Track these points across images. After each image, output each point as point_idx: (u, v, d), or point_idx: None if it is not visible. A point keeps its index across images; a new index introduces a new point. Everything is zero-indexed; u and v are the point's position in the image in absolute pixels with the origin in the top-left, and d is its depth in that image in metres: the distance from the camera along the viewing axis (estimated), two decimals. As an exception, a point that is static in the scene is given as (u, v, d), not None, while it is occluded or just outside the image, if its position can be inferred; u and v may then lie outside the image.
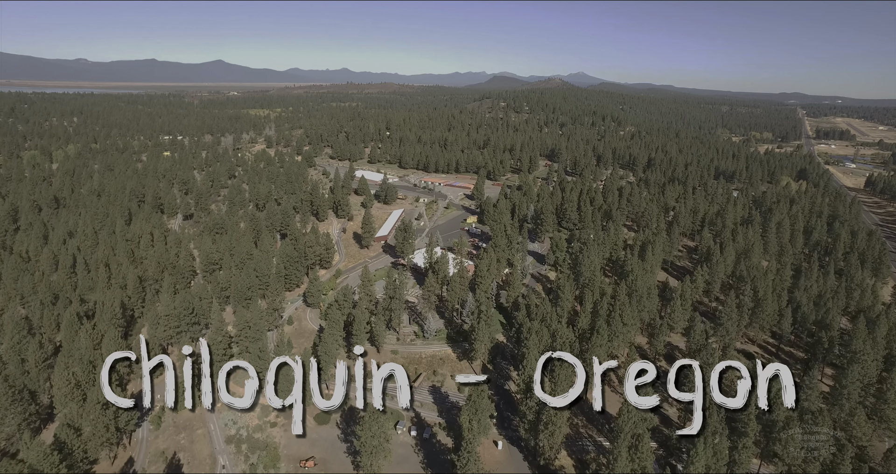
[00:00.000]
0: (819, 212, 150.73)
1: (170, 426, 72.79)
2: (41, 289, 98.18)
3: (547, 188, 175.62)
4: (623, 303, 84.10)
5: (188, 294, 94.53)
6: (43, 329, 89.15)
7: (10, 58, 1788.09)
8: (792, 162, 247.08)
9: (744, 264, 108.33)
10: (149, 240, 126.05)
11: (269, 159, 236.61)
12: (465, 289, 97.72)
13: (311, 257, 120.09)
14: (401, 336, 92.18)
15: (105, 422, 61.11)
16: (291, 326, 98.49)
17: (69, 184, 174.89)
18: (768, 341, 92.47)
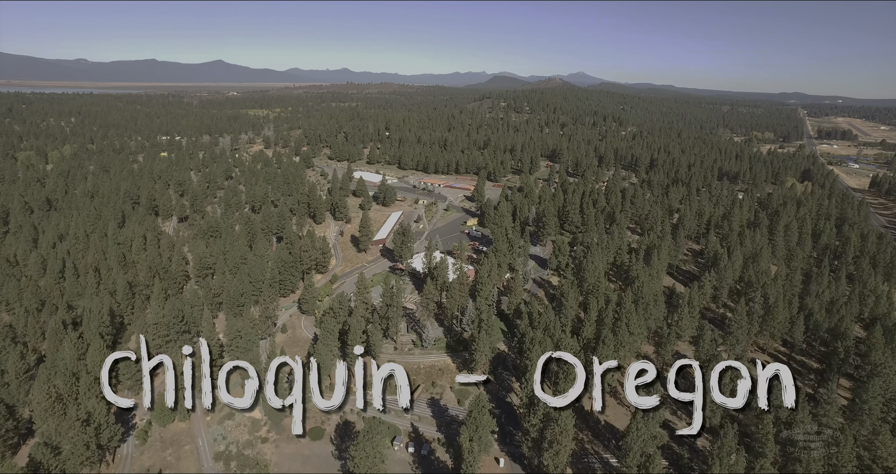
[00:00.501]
0: (827, 215, 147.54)
1: (156, 441, 69.65)
2: (27, 295, 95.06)
3: (549, 190, 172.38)
4: (629, 310, 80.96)
5: (178, 301, 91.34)
6: (27, 337, 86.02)
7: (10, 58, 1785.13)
8: (795, 162, 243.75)
9: (752, 269, 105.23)
10: (141, 244, 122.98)
11: (266, 160, 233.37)
12: (465, 295, 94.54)
13: (307, 262, 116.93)
14: (398, 345, 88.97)
15: (85, 440, 57.90)
16: (285, 334, 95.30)
17: (62, 186, 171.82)
18: (779, 349, 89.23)
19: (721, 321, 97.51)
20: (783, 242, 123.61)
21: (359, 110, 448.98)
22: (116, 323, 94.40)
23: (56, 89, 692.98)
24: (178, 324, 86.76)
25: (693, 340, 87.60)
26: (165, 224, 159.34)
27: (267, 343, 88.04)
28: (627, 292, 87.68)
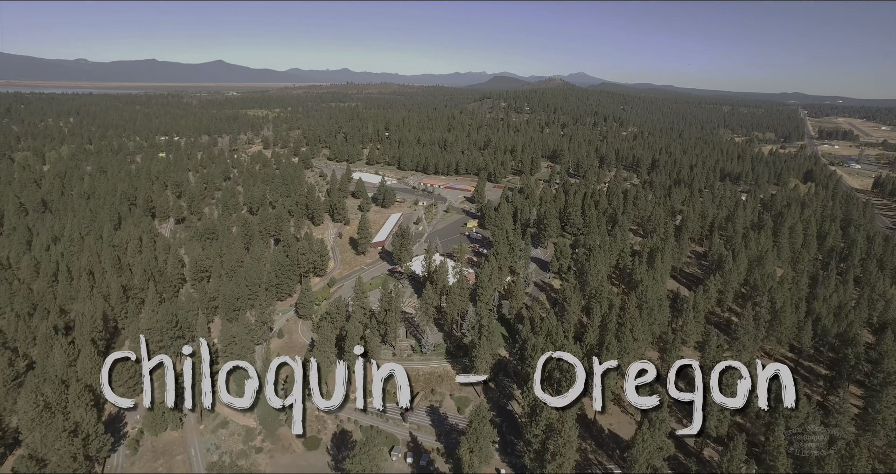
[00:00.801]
0: (832, 216, 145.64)
1: (147, 450, 67.75)
2: (18, 299, 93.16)
3: (550, 191, 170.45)
4: (633, 316, 78.99)
5: (172, 305, 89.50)
6: (17, 343, 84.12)
7: (10, 58, 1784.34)
8: (797, 163, 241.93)
9: (757, 272, 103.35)
10: (137, 246, 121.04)
11: (265, 161, 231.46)
12: (465, 299, 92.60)
13: (304, 265, 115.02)
14: (397, 351, 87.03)
15: (72, 452, 55.97)
16: (282, 340, 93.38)
17: (59, 187, 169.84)
18: (787, 355, 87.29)
19: (726, 326, 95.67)
20: (788, 244, 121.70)
21: (358, 110, 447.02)
22: (110, 327, 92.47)
23: (56, 89, 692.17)
24: (171, 329, 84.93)
25: (698, 346, 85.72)
26: (162, 226, 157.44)
27: (263, 349, 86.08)
28: (631, 296, 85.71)
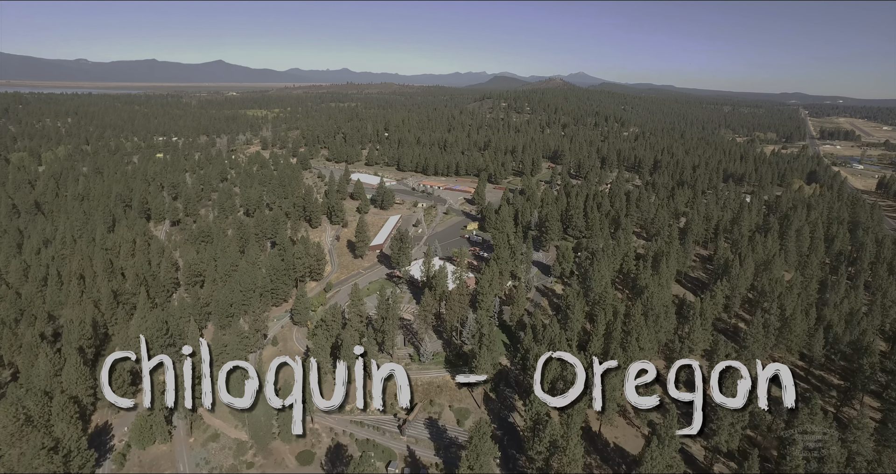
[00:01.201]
0: (839, 219, 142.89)
1: (134, 465, 65.09)
2: (5, 304, 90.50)
3: (551, 192, 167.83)
4: (639, 323, 76.43)
5: (162, 312, 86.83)
6: (2, 351, 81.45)
7: (10, 58, 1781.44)
8: (801, 164, 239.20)
9: (765, 277, 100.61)
10: (130, 250, 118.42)
11: (262, 161, 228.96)
12: (465, 306, 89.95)
13: (301, 269, 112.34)
14: (395, 359, 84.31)
15: (52, 470, 53.36)
16: (276, 347, 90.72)
17: (53, 188, 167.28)
18: (797, 364, 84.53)
19: (734, 333, 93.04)
20: (795, 248, 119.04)
21: (358, 111, 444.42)
22: (100, 334, 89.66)
23: (56, 89, 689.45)
24: (161, 336, 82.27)
25: (706, 354, 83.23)
26: (157, 228, 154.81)
27: (256, 357, 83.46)
28: (636, 303, 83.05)
